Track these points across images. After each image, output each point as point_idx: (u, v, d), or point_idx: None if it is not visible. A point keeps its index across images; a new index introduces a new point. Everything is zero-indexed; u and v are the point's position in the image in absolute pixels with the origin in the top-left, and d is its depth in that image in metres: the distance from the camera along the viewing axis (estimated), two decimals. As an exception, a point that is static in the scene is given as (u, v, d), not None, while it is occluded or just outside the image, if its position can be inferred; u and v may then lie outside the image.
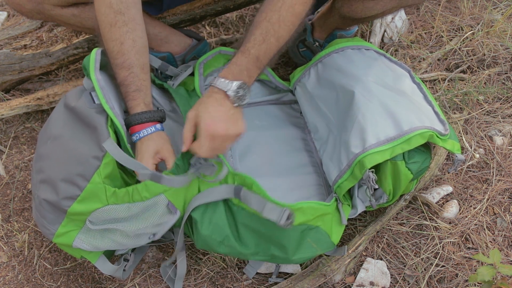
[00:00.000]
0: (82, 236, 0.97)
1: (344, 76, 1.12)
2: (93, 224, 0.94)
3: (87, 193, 0.90)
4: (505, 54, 1.53)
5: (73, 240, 0.97)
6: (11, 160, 1.35)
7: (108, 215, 0.93)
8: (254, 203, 0.94)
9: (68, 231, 0.96)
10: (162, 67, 1.23)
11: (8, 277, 1.14)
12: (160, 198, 0.95)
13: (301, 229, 0.98)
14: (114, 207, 0.93)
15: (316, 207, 0.98)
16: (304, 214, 0.97)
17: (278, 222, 0.91)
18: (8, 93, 1.48)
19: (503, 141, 1.34)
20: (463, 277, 1.08)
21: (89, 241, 0.97)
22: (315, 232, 0.99)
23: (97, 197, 0.91)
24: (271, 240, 0.99)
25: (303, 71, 1.24)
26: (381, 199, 1.05)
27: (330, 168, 1.07)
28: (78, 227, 0.96)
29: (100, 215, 0.93)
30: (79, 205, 0.91)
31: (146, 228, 0.97)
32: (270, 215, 0.92)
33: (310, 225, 0.98)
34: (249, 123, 1.26)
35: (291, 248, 0.98)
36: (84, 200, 0.91)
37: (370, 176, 0.97)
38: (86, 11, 1.15)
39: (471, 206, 1.21)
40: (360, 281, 1.08)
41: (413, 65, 1.53)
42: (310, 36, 1.42)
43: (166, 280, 1.10)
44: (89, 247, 0.97)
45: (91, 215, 0.93)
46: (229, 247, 1.01)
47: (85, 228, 0.96)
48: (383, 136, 0.98)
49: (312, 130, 1.22)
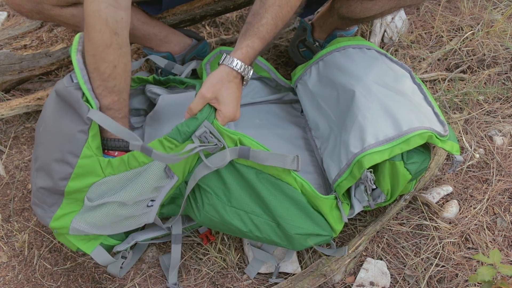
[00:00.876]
0: (79, 216, 0.97)
1: (345, 75, 1.12)
2: (91, 200, 0.94)
3: (80, 169, 0.91)
4: (505, 54, 1.53)
5: (70, 222, 0.97)
6: (11, 160, 1.35)
7: (106, 187, 0.93)
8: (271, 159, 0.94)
9: (66, 213, 0.96)
10: (168, 66, 1.24)
11: (8, 277, 1.14)
12: (157, 162, 0.94)
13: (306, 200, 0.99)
14: (111, 178, 0.93)
15: (309, 190, 0.99)
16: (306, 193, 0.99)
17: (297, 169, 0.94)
18: (8, 93, 1.48)
19: (503, 141, 1.34)
20: (463, 277, 1.08)
21: (86, 219, 0.97)
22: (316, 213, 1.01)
23: (92, 170, 0.91)
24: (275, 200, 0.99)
25: (304, 69, 1.24)
26: (378, 199, 1.05)
27: (330, 166, 1.07)
28: (77, 209, 0.96)
29: (97, 189, 0.93)
30: (74, 182, 0.92)
31: (144, 193, 0.96)
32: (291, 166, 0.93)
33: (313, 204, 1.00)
34: (250, 122, 1.27)
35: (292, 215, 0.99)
36: (79, 176, 0.91)
37: (368, 176, 0.98)
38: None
39: (471, 206, 1.21)
40: (360, 281, 1.08)
41: (413, 65, 1.53)
42: (311, 36, 1.42)
43: (164, 270, 1.12)
44: (87, 226, 0.98)
45: (89, 191, 0.93)
46: (234, 208, 1.00)
47: (83, 209, 0.96)
48: (382, 136, 0.98)
49: (313, 128, 1.22)
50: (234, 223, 1.00)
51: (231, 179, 0.99)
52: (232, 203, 1.00)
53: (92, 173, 0.92)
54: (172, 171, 0.97)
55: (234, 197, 0.99)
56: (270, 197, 0.98)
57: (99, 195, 0.95)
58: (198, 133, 0.93)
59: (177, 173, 0.98)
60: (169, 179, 0.98)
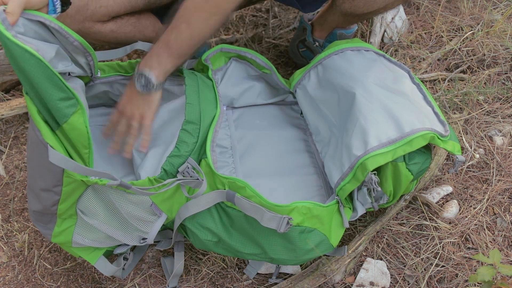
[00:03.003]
0: (79, 229, 0.96)
1: (344, 77, 1.12)
2: (83, 213, 0.94)
3: (66, 194, 0.90)
4: (505, 54, 1.53)
5: (71, 236, 0.97)
6: (11, 160, 1.35)
7: (94, 198, 0.92)
8: (251, 211, 0.93)
9: (65, 228, 0.96)
10: None
11: (8, 277, 1.14)
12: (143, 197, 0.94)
13: (299, 230, 0.98)
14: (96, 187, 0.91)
15: (311, 207, 0.96)
16: (300, 214, 0.96)
17: (278, 230, 0.92)
18: (8, 93, 1.48)
19: (503, 141, 1.34)
20: (463, 277, 1.08)
21: (87, 235, 0.97)
22: (313, 234, 0.99)
23: (77, 187, 0.90)
24: (268, 241, 0.99)
25: (303, 73, 1.24)
26: (381, 200, 1.05)
27: (332, 170, 1.06)
28: (72, 223, 0.96)
29: (86, 201, 0.92)
30: (64, 204, 0.91)
31: (132, 219, 0.95)
32: (269, 224, 0.92)
33: (308, 228, 0.98)
34: (250, 123, 1.27)
35: (289, 250, 0.98)
36: (67, 197, 0.91)
37: (373, 178, 0.97)
38: (123, 25, 1.18)
39: (471, 206, 1.21)
40: (360, 281, 1.08)
41: (413, 65, 1.53)
42: (310, 36, 1.42)
43: (165, 271, 1.12)
44: (89, 241, 0.98)
45: (78, 203, 0.93)
46: (226, 248, 1.01)
47: (80, 220, 0.96)
48: (385, 138, 0.98)
49: (314, 132, 1.22)
50: (228, 255, 1.04)
51: (220, 222, 1.00)
52: (224, 243, 1.01)
53: (78, 189, 0.91)
54: (159, 209, 0.96)
55: (224, 239, 1.00)
56: (263, 239, 0.98)
57: (89, 208, 0.94)
58: (181, 169, 0.95)
59: (165, 211, 0.98)
60: (156, 217, 0.98)
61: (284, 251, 0.99)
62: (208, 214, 1.00)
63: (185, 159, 0.97)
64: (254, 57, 1.25)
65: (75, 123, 0.85)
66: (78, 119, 0.86)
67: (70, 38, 0.94)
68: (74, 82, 1.04)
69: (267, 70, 1.26)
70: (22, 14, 0.83)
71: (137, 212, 0.95)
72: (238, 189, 0.94)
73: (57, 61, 0.95)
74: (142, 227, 0.98)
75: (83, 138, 0.88)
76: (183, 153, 0.96)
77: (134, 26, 1.20)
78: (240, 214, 0.97)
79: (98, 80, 1.14)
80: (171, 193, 0.97)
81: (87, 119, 0.88)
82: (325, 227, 1.00)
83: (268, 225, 0.92)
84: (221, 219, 1.00)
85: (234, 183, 0.95)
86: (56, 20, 0.90)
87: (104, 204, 0.94)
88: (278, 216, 0.91)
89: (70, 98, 0.84)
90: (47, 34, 0.92)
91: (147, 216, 0.96)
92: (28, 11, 0.85)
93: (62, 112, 0.83)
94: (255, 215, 0.93)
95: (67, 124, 0.85)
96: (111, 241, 1.01)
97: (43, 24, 0.89)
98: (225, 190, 0.96)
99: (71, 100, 0.84)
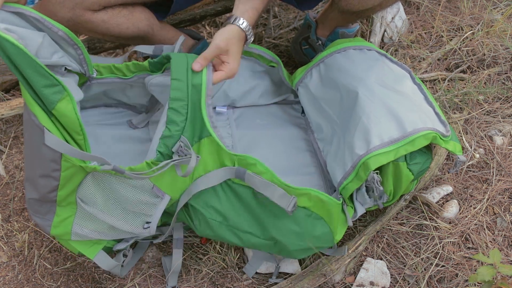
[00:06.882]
0: (79, 220, 0.97)
1: (347, 76, 1.12)
2: (83, 202, 0.94)
3: (65, 179, 0.90)
4: (505, 54, 1.53)
5: (71, 227, 0.97)
6: (11, 160, 1.35)
7: (93, 186, 0.93)
8: (262, 187, 0.93)
9: (65, 218, 0.96)
10: (156, 51, 1.19)
11: (8, 277, 1.14)
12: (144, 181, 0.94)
13: (307, 213, 0.97)
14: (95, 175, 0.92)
15: (324, 199, 0.96)
16: (310, 200, 0.96)
17: (286, 209, 0.92)
18: (8, 93, 1.48)
19: (503, 141, 1.34)
20: (463, 277, 1.08)
21: (87, 224, 0.97)
22: (319, 223, 0.98)
23: (76, 172, 0.90)
24: (274, 221, 0.98)
25: (305, 71, 1.24)
26: (381, 199, 1.05)
27: (335, 169, 1.06)
28: (72, 212, 0.96)
29: (86, 189, 0.93)
30: (64, 190, 0.92)
31: (134, 204, 0.96)
32: (279, 201, 0.92)
33: (316, 215, 0.97)
34: (251, 122, 1.27)
35: (294, 234, 0.98)
36: (66, 183, 0.91)
37: (375, 178, 0.97)
38: (114, 16, 1.17)
39: (471, 206, 1.21)
40: (360, 281, 1.08)
41: (413, 65, 1.53)
42: (314, 33, 1.41)
43: (165, 271, 1.12)
44: (89, 231, 0.98)
45: (78, 191, 0.93)
46: (230, 229, 1.00)
47: (80, 210, 0.96)
48: (387, 137, 0.98)
49: (316, 130, 1.22)
50: (230, 240, 1.01)
51: (227, 199, 0.99)
52: (228, 222, 1.00)
53: (77, 175, 0.91)
54: (161, 191, 0.96)
55: (229, 217, 0.99)
56: (268, 218, 0.98)
57: (90, 197, 0.94)
58: (174, 149, 0.94)
59: (167, 192, 0.97)
60: (159, 199, 0.97)
61: (289, 233, 0.98)
62: (214, 193, 0.99)
63: (178, 138, 0.94)
64: (261, 52, 1.24)
65: (63, 110, 0.86)
66: (66, 105, 0.87)
67: (54, 28, 0.95)
68: (70, 76, 1.04)
69: (274, 63, 1.26)
70: (3, 7, 0.88)
71: (140, 196, 0.95)
72: (249, 166, 0.94)
73: (48, 51, 0.96)
74: (146, 210, 0.98)
75: (74, 124, 0.89)
76: (174, 132, 0.93)
77: (127, 18, 1.19)
78: (249, 191, 0.97)
79: (95, 81, 1.14)
80: (172, 174, 0.96)
81: (75, 106, 0.89)
82: (332, 220, 0.99)
83: (279, 203, 0.92)
84: (227, 197, 0.99)
85: (244, 160, 0.94)
86: (35, 11, 0.92)
87: (104, 193, 0.95)
88: (288, 196, 0.91)
89: (55, 84, 0.85)
90: (30, 26, 0.94)
91: (150, 199, 0.97)
92: (7, 3, 0.89)
93: (49, 98, 0.85)
94: (265, 191, 0.93)
95: (55, 111, 0.86)
96: (111, 232, 1.01)
97: (24, 16, 0.92)
98: (235, 167, 0.95)
99: (56, 87, 0.85)
